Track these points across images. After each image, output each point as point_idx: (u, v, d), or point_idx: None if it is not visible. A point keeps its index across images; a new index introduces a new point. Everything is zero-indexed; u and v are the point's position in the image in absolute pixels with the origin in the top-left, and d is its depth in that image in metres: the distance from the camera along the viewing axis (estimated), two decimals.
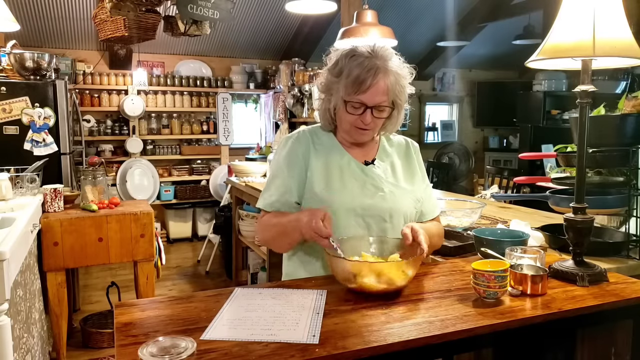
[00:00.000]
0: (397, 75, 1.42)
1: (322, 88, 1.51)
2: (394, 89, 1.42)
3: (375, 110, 1.42)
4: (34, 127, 3.29)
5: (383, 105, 1.42)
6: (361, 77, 1.38)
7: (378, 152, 1.57)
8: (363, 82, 1.38)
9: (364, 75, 1.38)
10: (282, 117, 5.74)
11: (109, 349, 3.15)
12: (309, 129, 1.58)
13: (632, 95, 1.80)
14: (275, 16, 5.68)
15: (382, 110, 1.44)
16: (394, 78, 1.41)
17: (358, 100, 1.40)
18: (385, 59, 1.41)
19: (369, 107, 1.41)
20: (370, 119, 1.42)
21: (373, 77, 1.38)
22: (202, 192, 6.04)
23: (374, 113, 1.42)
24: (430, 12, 5.93)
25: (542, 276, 1.24)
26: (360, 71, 1.38)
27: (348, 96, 1.41)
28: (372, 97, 1.40)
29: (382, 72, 1.39)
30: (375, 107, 1.41)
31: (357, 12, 3.34)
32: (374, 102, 1.40)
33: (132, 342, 1.00)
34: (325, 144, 1.54)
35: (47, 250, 2.73)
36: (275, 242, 1.51)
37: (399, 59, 1.45)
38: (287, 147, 1.53)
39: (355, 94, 1.40)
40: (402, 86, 1.45)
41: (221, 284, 4.53)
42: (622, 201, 1.80)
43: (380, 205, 1.47)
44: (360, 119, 1.43)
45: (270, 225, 1.49)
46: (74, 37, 5.46)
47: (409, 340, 1.01)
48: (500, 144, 7.87)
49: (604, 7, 1.28)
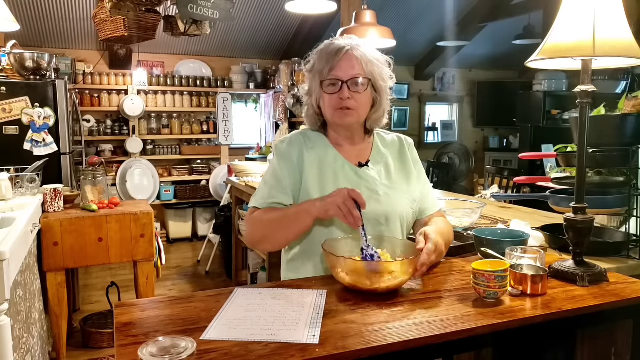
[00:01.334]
0: (367, 53, 1.46)
1: (306, 92, 1.56)
2: (367, 65, 1.45)
3: (352, 84, 1.44)
4: (34, 127, 3.29)
5: (358, 77, 1.44)
6: (330, 55, 1.44)
7: (372, 153, 1.57)
8: (333, 57, 1.44)
9: (334, 52, 1.45)
10: (282, 117, 5.74)
11: (109, 349, 3.15)
12: (302, 132, 1.59)
13: (632, 95, 1.80)
14: (275, 16, 5.68)
15: (359, 85, 1.45)
16: (362, 53, 1.45)
17: (333, 77, 1.44)
18: (352, 41, 1.48)
19: (344, 81, 1.43)
20: (349, 93, 1.44)
21: (341, 52, 1.44)
22: (202, 192, 6.05)
23: (350, 87, 1.44)
24: (430, 12, 5.93)
25: (542, 276, 1.24)
26: (329, 52, 1.45)
27: (322, 77, 1.45)
28: (345, 71, 1.43)
29: (350, 48, 1.45)
30: (351, 80, 1.43)
31: (356, 12, 3.34)
32: (348, 75, 1.43)
33: (132, 342, 1.00)
34: (318, 146, 1.54)
35: (47, 250, 2.73)
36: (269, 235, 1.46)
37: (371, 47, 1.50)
38: (281, 151, 1.53)
39: (329, 73, 1.44)
40: (377, 65, 1.47)
41: (221, 284, 4.54)
42: (622, 201, 1.80)
43: (375, 208, 1.47)
44: (339, 96, 1.44)
45: (265, 219, 1.45)
46: (74, 37, 5.46)
47: (409, 340, 1.01)
48: (500, 144, 7.87)
49: (604, 7, 1.28)
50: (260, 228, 1.47)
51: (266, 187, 1.52)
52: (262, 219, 1.46)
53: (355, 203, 1.29)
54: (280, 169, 1.51)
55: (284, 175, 1.49)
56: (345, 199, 1.29)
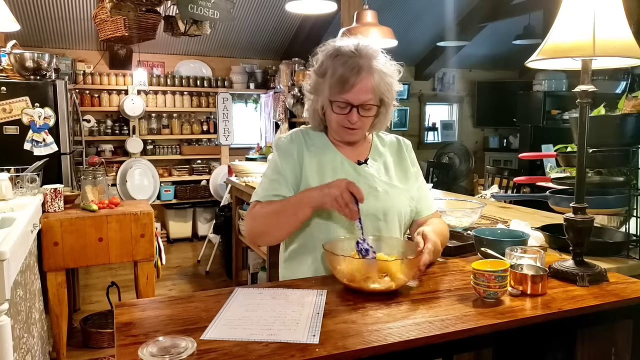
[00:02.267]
0: (382, 73, 1.42)
1: (310, 89, 1.52)
2: (380, 87, 1.42)
3: (362, 109, 1.42)
4: (34, 127, 3.29)
5: (369, 103, 1.42)
6: (345, 77, 1.38)
7: (371, 151, 1.58)
8: (347, 81, 1.38)
9: (348, 75, 1.38)
10: (282, 117, 5.74)
11: (109, 349, 3.15)
12: (302, 130, 1.58)
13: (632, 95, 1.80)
14: (275, 16, 5.68)
15: (369, 109, 1.44)
16: (378, 76, 1.41)
17: (343, 100, 1.41)
18: (370, 58, 1.41)
19: (355, 105, 1.41)
20: (357, 118, 1.42)
21: (357, 76, 1.38)
22: (202, 192, 6.04)
23: (360, 112, 1.42)
24: (430, 12, 5.93)
25: (542, 276, 1.25)
26: (344, 70, 1.39)
27: (333, 96, 1.42)
28: (357, 95, 1.40)
29: (365, 71, 1.39)
30: (361, 105, 1.41)
31: (356, 12, 3.34)
32: (359, 100, 1.41)
33: (132, 342, 1.00)
34: (317, 144, 1.54)
35: (47, 250, 2.73)
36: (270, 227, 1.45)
37: (385, 56, 1.45)
38: (281, 147, 1.53)
39: (339, 94, 1.40)
40: (388, 84, 1.44)
41: (221, 284, 4.54)
42: (622, 201, 1.80)
43: (374, 204, 1.47)
44: (347, 119, 1.43)
45: (264, 212, 1.45)
46: (74, 37, 5.46)
47: (409, 340, 1.01)
48: (500, 144, 7.87)
49: (604, 7, 1.28)
50: (260, 221, 1.46)
51: (267, 180, 1.52)
52: (262, 212, 1.46)
53: (353, 196, 1.29)
54: (281, 163, 1.50)
55: (285, 170, 1.49)
56: (342, 191, 1.29)
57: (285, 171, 1.49)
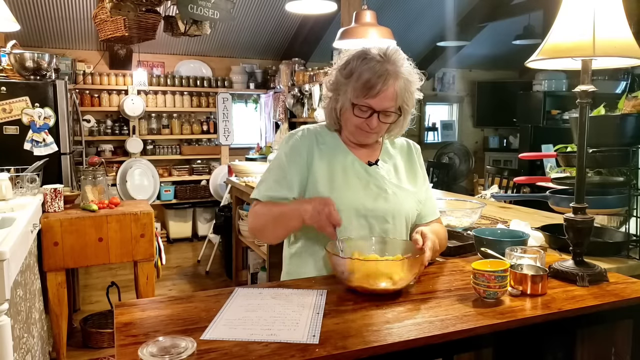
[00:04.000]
0: (407, 81, 1.42)
1: (330, 87, 1.50)
2: (403, 95, 1.42)
3: (382, 115, 1.42)
4: (34, 127, 3.29)
5: (390, 110, 1.43)
6: (372, 82, 1.37)
7: (381, 153, 1.58)
8: (373, 86, 1.38)
9: (375, 80, 1.37)
10: (282, 117, 5.75)
11: (109, 349, 3.15)
12: (313, 128, 1.57)
13: (632, 95, 1.80)
14: (275, 16, 5.68)
15: (389, 115, 1.44)
16: (403, 84, 1.41)
17: (366, 104, 1.40)
18: (397, 64, 1.41)
19: (376, 111, 1.41)
20: (377, 123, 1.43)
21: (383, 83, 1.38)
22: (202, 192, 6.04)
23: (380, 117, 1.42)
24: (430, 12, 5.93)
25: (542, 276, 1.25)
26: (371, 75, 1.38)
27: (356, 99, 1.41)
28: (381, 102, 1.40)
29: (392, 78, 1.39)
30: (382, 111, 1.42)
31: (356, 12, 3.34)
32: (381, 107, 1.41)
33: (132, 342, 1.00)
34: (329, 143, 1.53)
35: (47, 250, 2.73)
36: (266, 229, 1.48)
37: (410, 64, 1.45)
38: (290, 143, 1.52)
39: (364, 98, 1.40)
40: (410, 92, 1.45)
41: (221, 284, 4.53)
42: (622, 201, 1.80)
43: (383, 206, 1.48)
44: (367, 122, 1.43)
45: (263, 213, 1.47)
46: (74, 37, 5.46)
47: (409, 340, 1.01)
48: (500, 144, 7.86)
49: (604, 7, 1.28)
50: (259, 220, 1.49)
51: (271, 179, 1.52)
52: (261, 212, 1.48)
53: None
54: (288, 162, 1.50)
55: (290, 170, 1.49)
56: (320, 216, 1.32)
57: (291, 172, 1.49)
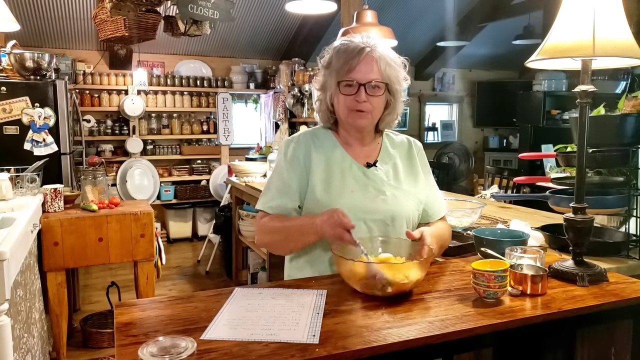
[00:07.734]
0: (387, 58, 1.46)
1: (319, 87, 1.54)
2: (385, 69, 1.45)
3: (369, 87, 1.44)
4: (34, 127, 3.29)
5: (376, 81, 1.44)
6: (349, 56, 1.43)
7: (380, 153, 1.57)
8: (352, 59, 1.43)
9: (352, 54, 1.43)
10: (282, 117, 5.74)
11: (109, 349, 3.15)
12: (310, 131, 1.58)
13: (632, 95, 1.80)
14: (275, 16, 5.68)
15: (376, 88, 1.45)
16: (383, 61, 1.44)
17: (350, 78, 1.43)
18: (372, 42, 1.46)
19: (362, 84, 1.43)
20: (365, 97, 1.44)
21: (359, 54, 1.43)
22: (202, 192, 6.04)
23: (367, 90, 1.44)
24: (430, 12, 5.93)
25: (542, 276, 1.25)
26: (348, 53, 1.44)
27: (340, 77, 1.45)
28: (363, 74, 1.43)
29: (369, 50, 1.44)
30: (368, 84, 1.43)
31: (356, 12, 3.35)
32: (365, 79, 1.43)
33: (132, 342, 1.00)
34: (326, 145, 1.53)
35: (47, 250, 2.73)
36: (281, 245, 1.51)
37: (389, 49, 1.49)
38: (288, 150, 1.53)
39: (346, 74, 1.43)
40: (394, 69, 1.47)
41: (221, 284, 4.53)
42: (622, 201, 1.80)
43: (382, 208, 1.47)
44: (355, 98, 1.44)
45: (275, 229, 1.47)
46: (74, 37, 5.46)
47: (408, 340, 1.01)
48: (500, 144, 7.87)
49: (604, 7, 1.28)
50: (271, 236, 1.51)
51: (274, 189, 1.52)
52: (272, 228, 1.48)
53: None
54: (287, 171, 1.50)
55: (291, 178, 1.50)
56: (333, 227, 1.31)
57: (291, 179, 1.49)
